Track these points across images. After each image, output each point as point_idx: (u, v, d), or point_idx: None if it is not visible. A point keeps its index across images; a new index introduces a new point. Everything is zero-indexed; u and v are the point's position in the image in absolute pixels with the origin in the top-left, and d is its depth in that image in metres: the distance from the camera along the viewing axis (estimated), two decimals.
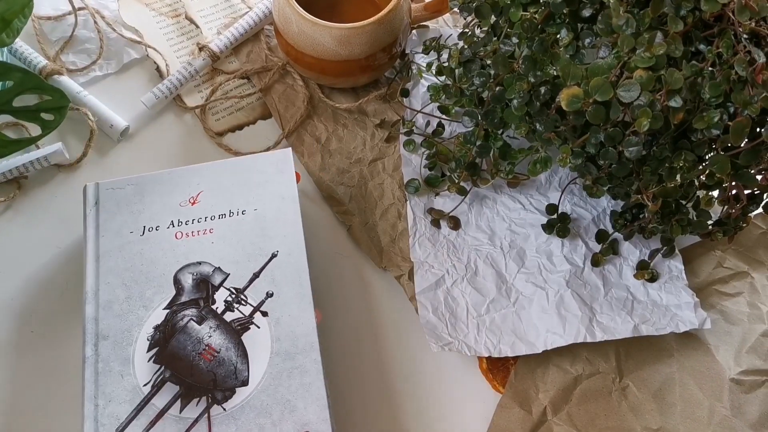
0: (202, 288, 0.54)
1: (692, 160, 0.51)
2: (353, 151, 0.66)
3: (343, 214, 0.63)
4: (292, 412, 0.50)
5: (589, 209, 0.63)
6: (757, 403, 0.56)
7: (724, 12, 0.48)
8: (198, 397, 0.51)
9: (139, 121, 0.67)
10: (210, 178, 0.59)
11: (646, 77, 0.47)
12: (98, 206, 0.57)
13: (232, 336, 0.53)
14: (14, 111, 0.57)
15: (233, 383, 0.51)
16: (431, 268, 0.59)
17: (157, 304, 0.53)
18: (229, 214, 0.57)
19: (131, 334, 0.52)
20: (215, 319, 0.53)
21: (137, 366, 0.51)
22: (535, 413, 0.56)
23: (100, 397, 0.50)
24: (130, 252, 0.55)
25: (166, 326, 0.53)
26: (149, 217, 0.57)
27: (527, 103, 0.53)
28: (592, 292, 0.59)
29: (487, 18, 0.55)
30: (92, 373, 0.51)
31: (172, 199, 0.58)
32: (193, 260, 0.55)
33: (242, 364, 0.52)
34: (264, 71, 0.69)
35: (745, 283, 0.61)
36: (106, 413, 0.49)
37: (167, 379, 0.51)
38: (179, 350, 0.52)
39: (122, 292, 0.54)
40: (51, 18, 0.70)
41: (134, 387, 0.50)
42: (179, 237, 0.56)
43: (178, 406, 0.50)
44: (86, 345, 0.52)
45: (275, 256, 0.55)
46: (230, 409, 0.50)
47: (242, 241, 0.56)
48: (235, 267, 0.55)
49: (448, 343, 0.56)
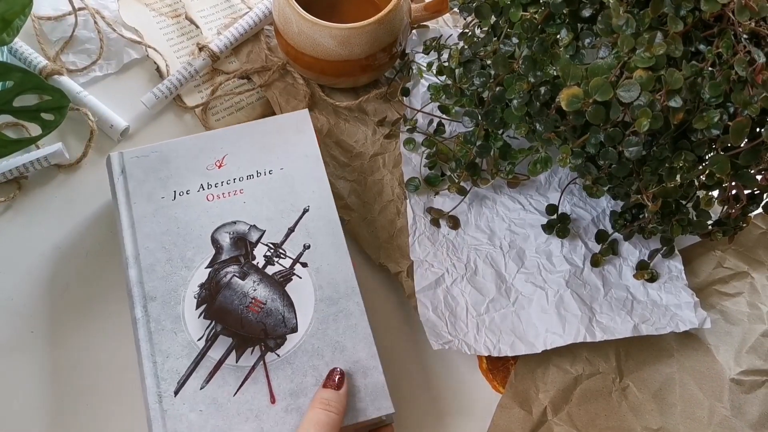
0: (241, 245, 0.56)
1: (692, 160, 0.51)
2: (354, 144, 0.66)
3: (342, 209, 0.63)
4: (342, 351, 0.53)
5: (588, 209, 0.63)
6: (757, 403, 0.56)
7: (724, 12, 0.48)
8: (251, 346, 0.53)
9: (139, 121, 0.67)
10: (232, 141, 0.61)
11: (646, 77, 0.47)
12: (125, 174, 0.59)
13: (276, 288, 0.55)
14: (14, 111, 0.57)
15: (283, 331, 0.54)
16: (431, 267, 0.59)
17: (198, 264, 0.55)
18: (257, 174, 0.59)
19: (178, 293, 0.54)
20: (257, 273, 0.56)
21: (189, 323, 0.53)
22: (536, 413, 0.56)
23: (157, 355, 0.52)
24: (164, 216, 0.57)
25: (210, 284, 0.55)
26: (178, 181, 0.59)
27: (527, 103, 0.53)
28: (591, 292, 0.59)
29: (487, 18, 0.55)
30: (146, 333, 0.53)
31: (198, 163, 0.59)
32: (228, 220, 0.57)
33: (289, 312, 0.54)
34: (264, 71, 0.69)
35: (745, 283, 0.61)
36: (165, 368, 0.52)
37: (219, 333, 0.53)
38: (227, 305, 0.54)
39: (163, 255, 0.56)
40: (51, 18, 0.70)
41: (189, 342, 0.53)
42: (210, 199, 0.58)
43: (233, 357, 0.53)
44: (135, 307, 0.54)
45: (307, 211, 0.58)
46: (284, 355, 0.53)
47: (273, 199, 0.58)
48: (269, 224, 0.57)
49: (448, 341, 0.56)
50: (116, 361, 0.57)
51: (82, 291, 0.59)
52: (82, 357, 0.57)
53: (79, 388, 0.56)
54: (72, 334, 0.58)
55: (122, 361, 0.56)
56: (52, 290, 0.59)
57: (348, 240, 0.62)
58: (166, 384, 0.51)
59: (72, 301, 0.59)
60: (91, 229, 0.61)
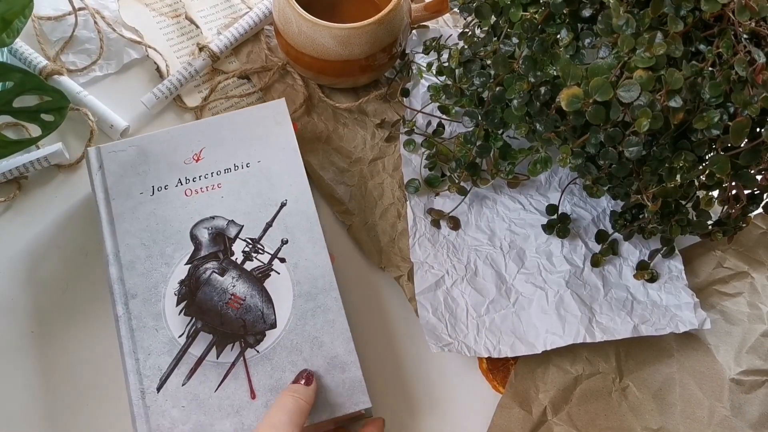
0: (219, 241, 0.57)
1: (692, 160, 0.50)
2: (353, 150, 0.66)
3: (343, 214, 0.63)
4: (320, 347, 0.54)
5: (589, 209, 0.63)
6: (758, 403, 0.56)
7: (724, 12, 0.48)
8: (231, 342, 0.54)
9: (139, 121, 0.67)
10: (209, 134, 0.61)
11: (646, 77, 0.47)
12: (103, 170, 0.59)
13: (254, 284, 0.55)
14: (14, 112, 0.57)
15: (262, 327, 0.54)
16: (431, 269, 0.59)
17: (178, 260, 0.56)
18: (234, 168, 0.59)
19: (158, 290, 0.55)
20: (236, 269, 0.56)
21: (169, 320, 0.54)
22: (535, 413, 0.56)
23: (139, 352, 0.53)
24: (143, 212, 0.57)
25: (190, 280, 0.55)
26: (156, 177, 0.59)
27: (527, 103, 0.53)
28: (591, 293, 0.59)
29: (487, 18, 0.55)
30: (127, 330, 0.53)
31: (176, 157, 0.60)
32: (206, 215, 0.58)
33: (268, 308, 0.55)
34: (264, 71, 0.69)
35: (745, 283, 0.61)
36: (147, 365, 0.52)
37: (200, 329, 0.54)
38: (206, 302, 0.55)
39: (142, 252, 0.56)
40: (51, 18, 0.70)
41: (170, 339, 0.53)
42: (189, 194, 0.58)
43: (214, 353, 0.53)
44: (116, 305, 0.54)
45: (284, 205, 0.58)
46: (263, 351, 0.53)
47: (251, 193, 0.58)
48: (247, 219, 0.58)
49: (447, 343, 0.56)
50: (117, 361, 0.57)
51: (82, 291, 0.59)
52: (83, 357, 0.57)
53: (80, 387, 0.56)
54: (72, 333, 0.58)
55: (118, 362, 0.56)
56: (52, 290, 0.59)
57: (350, 245, 0.62)
58: (148, 381, 0.52)
59: (72, 300, 0.59)
60: (91, 228, 0.61)
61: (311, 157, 0.65)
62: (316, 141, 0.66)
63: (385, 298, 0.61)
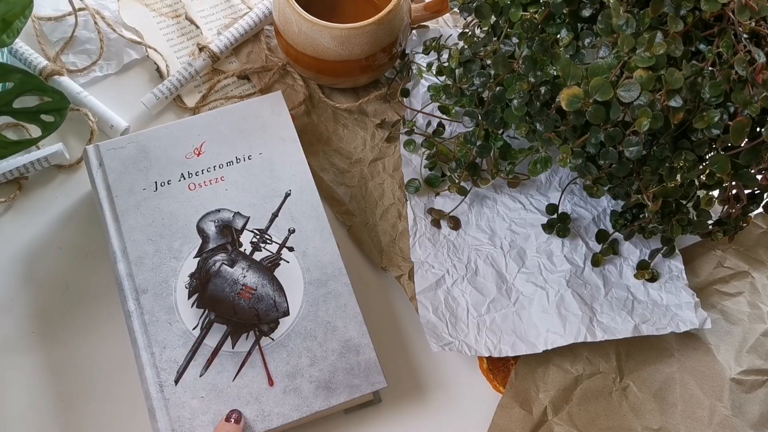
0: (227, 233, 0.57)
1: (692, 159, 0.51)
2: (353, 151, 0.66)
3: (344, 215, 0.63)
4: (333, 332, 0.54)
5: (589, 209, 0.63)
6: (758, 402, 0.56)
7: (724, 12, 0.48)
8: (246, 332, 0.54)
9: (139, 121, 0.67)
10: (208, 127, 0.61)
11: (646, 77, 0.47)
12: (103, 167, 0.59)
13: (265, 273, 0.56)
14: (14, 112, 0.57)
15: (275, 315, 0.55)
16: (431, 268, 0.59)
17: (186, 254, 0.56)
18: (236, 160, 0.60)
19: (169, 284, 0.55)
20: (245, 260, 0.56)
21: (182, 312, 0.54)
22: (536, 413, 0.56)
23: (154, 346, 0.53)
24: (147, 208, 0.57)
25: (200, 273, 0.56)
26: (158, 172, 0.59)
27: (527, 103, 0.53)
28: (592, 292, 0.59)
29: (487, 18, 0.55)
30: (140, 325, 0.54)
31: (177, 152, 0.60)
32: (212, 208, 0.58)
33: (280, 297, 0.55)
34: (264, 71, 0.70)
35: (746, 283, 0.61)
36: (163, 359, 0.53)
37: (213, 321, 0.54)
38: (218, 293, 0.55)
39: (150, 247, 0.56)
40: (51, 19, 0.70)
41: (184, 332, 0.54)
42: (192, 188, 0.58)
43: (229, 343, 0.54)
44: (127, 301, 0.54)
45: (289, 195, 0.59)
46: (278, 338, 0.54)
47: (255, 185, 0.59)
48: (252, 210, 0.58)
49: (448, 342, 0.56)
50: (117, 360, 0.57)
51: (82, 291, 0.59)
52: (83, 356, 0.57)
53: (80, 387, 0.56)
54: (72, 333, 0.58)
55: (123, 360, 0.56)
56: (52, 290, 0.59)
57: (351, 246, 0.62)
58: (165, 374, 0.52)
59: (73, 300, 0.59)
60: (92, 229, 0.61)
61: (311, 159, 0.65)
62: (317, 143, 0.66)
63: (386, 297, 0.61)
